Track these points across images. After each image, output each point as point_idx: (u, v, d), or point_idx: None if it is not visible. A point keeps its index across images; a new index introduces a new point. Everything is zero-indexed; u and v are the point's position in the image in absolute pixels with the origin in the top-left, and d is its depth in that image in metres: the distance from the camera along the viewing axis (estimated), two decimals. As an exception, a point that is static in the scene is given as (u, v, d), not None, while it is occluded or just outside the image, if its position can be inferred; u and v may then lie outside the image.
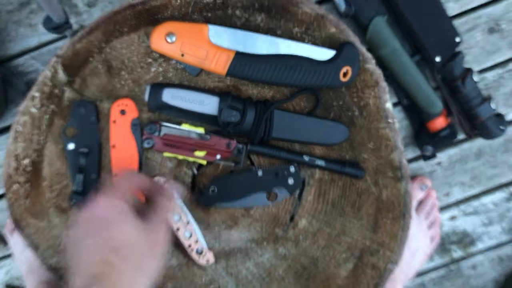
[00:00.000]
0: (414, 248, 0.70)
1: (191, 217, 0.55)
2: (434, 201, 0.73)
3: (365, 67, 0.54)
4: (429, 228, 0.73)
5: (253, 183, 0.56)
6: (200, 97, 0.52)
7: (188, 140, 0.53)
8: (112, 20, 0.52)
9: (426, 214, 0.72)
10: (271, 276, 0.58)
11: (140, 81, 0.55)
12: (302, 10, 0.52)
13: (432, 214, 0.73)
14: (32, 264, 0.66)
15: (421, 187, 0.72)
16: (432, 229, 0.73)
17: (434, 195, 0.73)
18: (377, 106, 0.54)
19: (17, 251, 0.70)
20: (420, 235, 0.71)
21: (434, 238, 0.73)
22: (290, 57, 0.52)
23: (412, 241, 0.68)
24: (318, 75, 0.52)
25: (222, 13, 0.53)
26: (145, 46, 0.54)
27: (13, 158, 0.53)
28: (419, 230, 0.71)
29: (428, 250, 0.73)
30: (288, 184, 0.56)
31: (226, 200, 0.56)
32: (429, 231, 0.72)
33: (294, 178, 0.56)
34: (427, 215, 0.72)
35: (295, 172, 0.56)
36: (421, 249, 0.71)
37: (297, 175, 0.56)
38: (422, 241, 0.71)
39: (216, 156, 0.54)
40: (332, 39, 0.54)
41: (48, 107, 0.53)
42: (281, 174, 0.56)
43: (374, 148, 0.56)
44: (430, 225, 0.73)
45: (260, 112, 0.53)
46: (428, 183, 0.73)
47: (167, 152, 0.54)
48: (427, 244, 0.72)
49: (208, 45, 0.51)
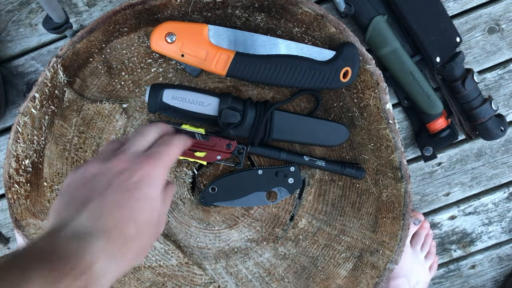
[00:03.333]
0: (415, 281, 0.72)
1: None
2: (428, 230, 0.75)
3: (365, 68, 0.54)
4: (427, 259, 0.74)
5: (253, 182, 0.56)
6: (200, 98, 0.52)
7: None
8: (112, 20, 0.52)
9: (421, 246, 0.74)
10: (271, 276, 0.58)
11: (140, 81, 0.55)
12: (302, 10, 0.52)
13: (427, 244, 0.74)
14: None
15: (414, 222, 0.73)
16: (429, 259, 0.74)
17: (427, 226, 0.75)
18: (377, 107, 0.54)
19: None
20: (419, 267, 0.72)
21: (432, 267, 0.75)
22: (290, 57, 0.52)
23: (412, 275, 0.70)
24: (318, 75, 0.52)
25: (222, 13, 0.53)
26: (145, 47, 0.54)
27: (13, 159, 0.53)
28: (417, 263, 0.72)
29: (428, 279, 0.74)
30: (288, 184, 0.56)
31: (226, 199, 0.56)
32: (426, 261, 0.73)
33: (294, 178, 0.56)
34: (422, 246, 0.73)
35: (295, 171, 0.56)
36: (421, 281, 0.73)
37: (297, 175, 0.56)
38: (421, 273, 0.73)
39: (217, 156, 0.54)
40: (332, 39, 0.54)
41: (48, 107, 0.53)
42: (281, 174, 0.56)
43: (374, 149, 0.56)
44: (427, 255, 0.74)
45: (260, 113, 0.53)
46: (421, 217, 0.75)
47: None
48: (426, 275, 0.74)
49: (208, 45, 0.51)
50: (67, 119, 0.54)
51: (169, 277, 0.58)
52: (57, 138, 0.54)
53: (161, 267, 0.58)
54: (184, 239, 0.58)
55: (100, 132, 0.55)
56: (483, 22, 0.71)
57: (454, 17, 0.71)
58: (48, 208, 0.55)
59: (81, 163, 0.55)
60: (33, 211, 0.55)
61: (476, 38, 0.71)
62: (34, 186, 0.55)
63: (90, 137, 0.55)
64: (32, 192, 0.55)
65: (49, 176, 0.55)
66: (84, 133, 0.55)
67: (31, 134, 0.53)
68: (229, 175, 0.56)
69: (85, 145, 0.55)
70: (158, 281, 0.58)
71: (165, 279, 0.58)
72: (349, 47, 0.52)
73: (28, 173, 0.54)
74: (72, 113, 0.54)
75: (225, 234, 0.58)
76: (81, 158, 0.55)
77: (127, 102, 0.55)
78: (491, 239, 0.78)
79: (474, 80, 0.67)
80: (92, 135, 0.55)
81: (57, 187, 0.55)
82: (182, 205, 0.58)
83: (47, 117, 0.54)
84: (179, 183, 0.57)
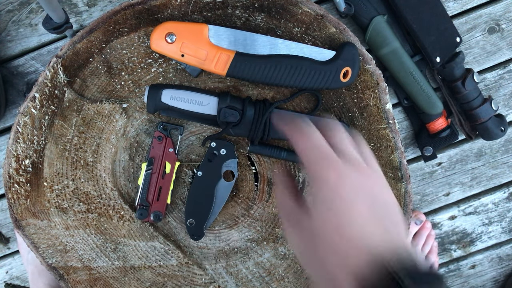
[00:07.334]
0: None
1: None
2: (430, 231, 0.74)
3: (365, 68, 0.54)
4: (427, 259, 0.74)
5: (206, 183, 0.56)
6: (199, 98, 0.52)
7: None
8: (112, 20, 0.52)
9: (422, 245, 0.73)
10: (271, 276, 0.58)
11: (140, 81, 0.55)
12: (302, 10, 0.52)
13: (428, 244, 0.74)
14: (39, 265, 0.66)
15: (415, 222, 0.73)
16: (430, 260, 0.74)
17: (429, 226, 0.75)
18: (378, 107, 0.54)
19: (24, 251, 0.70)
20: None
21: (433, 266, 0.75)
22: (290, 57, 0.52)
23: None
24: (318, 75, 0.52)
25: (222, 13, 0.53)
26: (145, 47, 0.54)
27: (13, 159, 0.53)
28: None
29: None
30: (224, 156, 0.56)
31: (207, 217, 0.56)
32: (426, 262, 0.73)
33: (224, 149, 0.55)
34: (423, 247, 0.74)
35: (217, 144, 0.56)
36: None
37: (223, 145, 0.56)
38: None
39: None
40: (332, 39, 0.54)
41: (48, 107, 0.54)
42: (211, 155, 0.55)
43: (375, 149, 0.56)
44: (427, 256, 0.74)
45: (259, 111, 0.53)
46: (423, 217, 0.74)
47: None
48: None
49: (208, 45, 0.51)
50: (67, 119, 0.54)
51: (169, 277, 0.58)
52: (57, 138, 0.54)
53: (161, 267, 0.58)
54: (184, 239, 0.58)
55: (100, 132, 0.55)
56: (483, 22, 0.71)
57: (454, 17, 0.71)
58: (48, 208, 0.55)
59: (81, 163, 0.55)
60: (33, 211, 0.55)
61: (476, 38, 0.71)
62: (34, 186, 0.55)
63: (90, 137, 0.55)
64: (32, 192, 0.55)
65: (49, 176, 0.55)
66: (84, 133, 0.55)
67: (31, 134, 0.53)
68: (187, 199, 0.56)
69: (85, 145, 0.55)
70: (158, 281, 0.58)
71: (165, 279, 0.58)
72: (349, 47, 0.52)
73: (28, 173, 0.54)
74: (72, 113, 0.54)
75: (225, 234, 0.58)
76: (81, 158, 0.55)
77: (127, 102, 0.55)
78: (491, 239, 0.78)
79: (474, 80, 0.67)
80: (92, 135, 0.55)
81: (57, 187, 0.55)
82: (182, 205, 0.58)
83: (47, 117, 0.54)
84: (179, 183, 0.57)
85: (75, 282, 0.57)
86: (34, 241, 0.55)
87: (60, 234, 0.56)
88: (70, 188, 0.55)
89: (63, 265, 0.56)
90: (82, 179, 0.56)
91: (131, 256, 0.57)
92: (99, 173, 0.56)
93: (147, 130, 0.56)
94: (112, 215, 0.56)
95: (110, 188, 0.56)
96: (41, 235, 0.55)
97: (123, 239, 0.57)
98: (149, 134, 0.56)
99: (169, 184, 0.55)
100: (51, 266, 0.56)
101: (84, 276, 0.57)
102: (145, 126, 0.56)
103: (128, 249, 0.57)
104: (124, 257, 0.57)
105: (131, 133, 0.56)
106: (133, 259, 0.57)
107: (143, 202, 0.55)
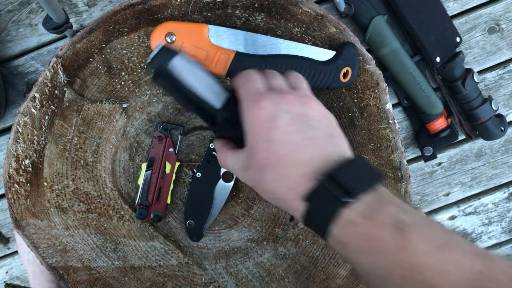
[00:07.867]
0: None
1: None
2: None
3: (365, 68, 0.54)
4: None
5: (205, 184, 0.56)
6: (212, 82, 0.41)
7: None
8: (112, 20, 0.52)
9: None
10: (271, 276, 0.58)
11: (140, 81, 0.55)
12: (302, 10, 0.52)
13: None
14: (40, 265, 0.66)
15: None
16: None
17: None
18: (378, 107, 0.54)
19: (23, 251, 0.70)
20: None
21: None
22: (290, 57, 0.52)
23: None
24: (318, 75, 0.52)
25: (222, 13, 0.53)
26: (145, 47, 0.54)
27: (13, 159, 0.53)
28: None
29: None
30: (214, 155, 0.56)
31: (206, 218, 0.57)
32: None
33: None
34: None
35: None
36: None
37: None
38: None
39: None
40: (332, 39, 0.54)
41: (48, 107, 0.54)
42: (210, 156, 0.55)
43: (374, 149, 0.56)
44: None
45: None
46: None
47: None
48: None
49: (208, 45, 0.51)
50: (67, 119, 0.54)
51: (169, 277, 0.58)
52: (57, 138, 0.54)
53: (161, 267, 0.58)
54: (184, 239, 0.58)
55: (100, 132, 0.55)
56: (483, 22, 0.71)
57: (454, 17, 0.71)
58: (48, 208, 0.55)
59: (81, 163, 0.55)
60: (33, 211, 0.55)
61: (476, 38, 0.71)
62: (34, 186, 0.55)
63: (90, 137, 0.55)
64: (32, 192, 0.55)
65: (49, 176, 0.55)
66: (84, 133, 0.55)
67: (31, 134, 0.53)
68: (186, 201, 0.56)
69: (85, 145, 0.55)
70: (158, 281, 0.58)
71: (165, 279, 0.58)
72: (349, 47, 0.52)
73: (28, 173, 0.54)
74: (72, 113, 0.54)
75: (225, 234, 0.58)
76: (81, 158, 0.55)
77: (127, 102, 0.55)
78: (491, 239, 0.78)
79: (474, 80, 0.67)
80: (92, 135, 0.55)
81: (57, 187, 0.55)
82: (182, 205, 0.58)
83: (47, 117, 0.54)
84: (179, 183, 0.57)
85: (75, 282, 0.57)
86: (34, 241, 0.55)
87: (60, 234, 0.56)
88: (70, 188, 0.55)
89: (63, 265, 0.56)
90: (82, 179, 0.56)
91: (131, 256, 0.57)
92: (99, 173, 0.56)
93: (147, 130, 0.56)
94: (112, 215, 0.56)
95: (110, 188, 0.56)
96: (41, 235, 0.55)
97: (123, 239, 0.57)
98: (149, 134, 0.56)
99: (169, 184, 0.56)
100: (51, 266, 0.56)
101: (84, 276, 0.57)
102: (145, 126, 0.56)
103: (128, 249, 0.57)
104: (124, 257, 0.57)
105: (131, 133, 0.56)
106: (133, 259, 0.57)
107: (143, 202, 0.55)
